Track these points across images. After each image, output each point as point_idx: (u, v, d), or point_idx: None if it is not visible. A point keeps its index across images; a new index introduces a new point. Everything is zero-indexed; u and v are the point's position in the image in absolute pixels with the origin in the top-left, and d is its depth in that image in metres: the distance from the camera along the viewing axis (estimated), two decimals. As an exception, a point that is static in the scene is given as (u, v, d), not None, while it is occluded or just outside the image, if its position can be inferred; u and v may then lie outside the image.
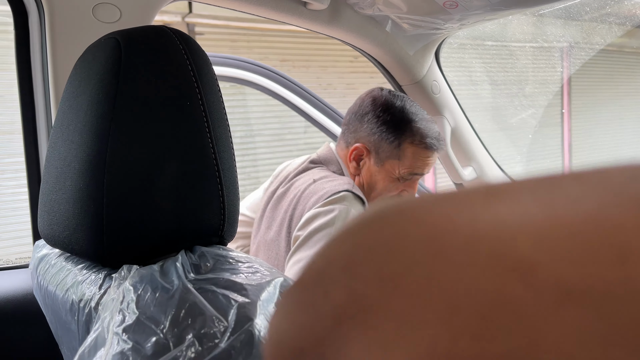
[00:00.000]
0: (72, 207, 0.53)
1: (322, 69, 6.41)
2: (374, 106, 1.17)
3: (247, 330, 0.38)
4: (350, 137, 1.21)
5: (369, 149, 1.18)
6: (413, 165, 1.18)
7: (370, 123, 1.17)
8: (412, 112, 1.17)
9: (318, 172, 1.20)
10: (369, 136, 1.17)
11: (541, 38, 6.95)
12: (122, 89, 0.52)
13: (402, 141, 1.16)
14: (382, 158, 1.18)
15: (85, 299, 0.52)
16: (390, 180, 1.19)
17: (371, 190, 1.21)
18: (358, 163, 1.20)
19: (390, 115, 1.16)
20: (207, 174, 0.53)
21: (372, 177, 1.19)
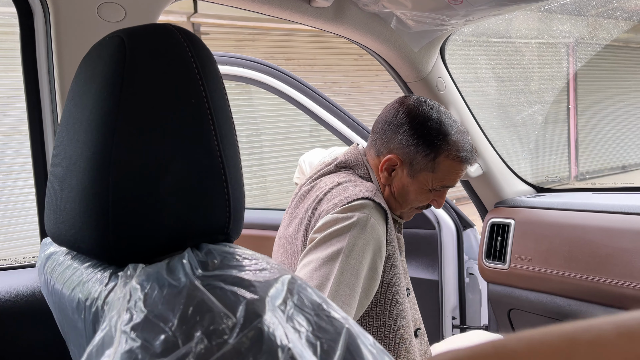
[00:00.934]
0: (78, 205, 0.53)
1: (327, 67, 6.41)
2: (410, 118, 1.15)
3: (256, 327, 0.38)
4: (383, 147, 1.19)
5: (403, 160, 1.16)
6: (447, 178, 1.17)
7: (406, 135, 1.15)
8: (448, 125, 1.15)
9: (344, 176, 1.19)
10: (404, 148, 1.16)
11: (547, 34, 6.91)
12: (127, 87, 0.52)
13: (438, 155, 1.14)
14: (416, 170, 1.16)
15: (91, 297, 0.52)
16: (422, 192, 1.18)
17: (403, 200, 1.20)
18: (390, 173, 1.18)
19: (427, 129, 1.14)
20: (212, 172, 0.53)
21: (404, 188, 1.18)
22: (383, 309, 1.11)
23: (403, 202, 1.20)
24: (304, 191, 1.24)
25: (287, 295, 0.42)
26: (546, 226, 1.60)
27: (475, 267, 1.91)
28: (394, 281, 1.10)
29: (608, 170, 8.31)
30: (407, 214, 1.23)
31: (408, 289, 1.24)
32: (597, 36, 6.85)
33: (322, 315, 0.41)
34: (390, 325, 1.11)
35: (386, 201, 1.18)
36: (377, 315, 1.11)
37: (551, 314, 1.58)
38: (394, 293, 1.11)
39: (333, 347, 0.38)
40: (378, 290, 1.09)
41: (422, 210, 1.24)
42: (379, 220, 1.08)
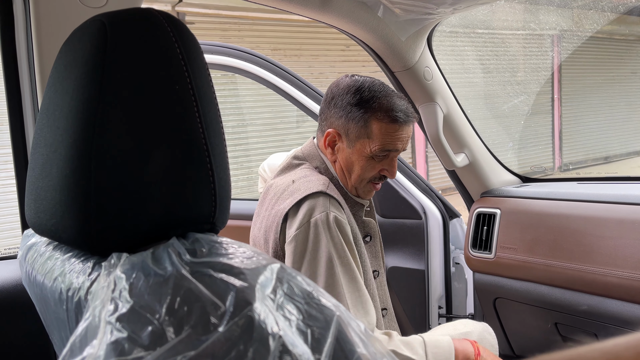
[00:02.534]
0: (59, 194, 0.52)
1: (313, 57, 6.37)
2: (338, 90, 1.20)
3: (247, 315, 0.37)
4: (324, 126, 1.23)
5: (340, 132, 1.20)
6: (383, 142, 1.18)
7: (337, 107, 1.19)
8: (374, 90, 1.18)
9: (299, 172, 1.22)
10: (338, 120, 1.19)
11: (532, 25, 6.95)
12: (109, 73, 0.51)
13: (368, 118, 1.17)
14: (352, 139, 1.19)
15: (73, 287, 0.51)
16: (365, 160, 1.20)
17: (351, 173, 1.22)
18: (333, 148, 1.22)
19: (352, 96, 1.17)
20: (197, 160, 0.52)
21: (348, 159, 1.21)
22: None
23: (352, 175, 1.22)
24: (264, 191, 1.28)
25: (277, 283, 0.42)
26: (531, 216, 1.61)
27: (462, 256, 1.92)
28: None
29: (591, 161, 8.42)
30: (362, 189, 1.24)
31: (376, 271, 1.27)
32: (582, 28, 6.90)
33: (312, 303, 0.41)
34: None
35: (340, 181, 1.23)
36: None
37: (536, 302, 1.59)
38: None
39: (324, 335, 0.38)
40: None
41: (377, 183, 1.25)
42: (338, 209, 1.12)
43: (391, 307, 1.31)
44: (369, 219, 1.27)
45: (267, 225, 1.18)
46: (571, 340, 1.61)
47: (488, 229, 1.71)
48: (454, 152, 1.71)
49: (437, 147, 1.62)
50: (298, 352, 0.36)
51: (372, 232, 1.27)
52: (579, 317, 1.50)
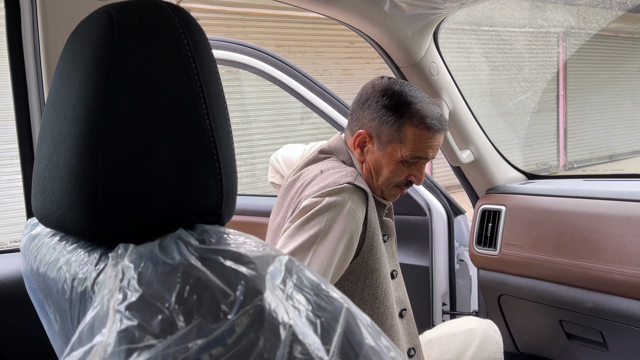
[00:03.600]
0: (66, 184, 0.51)
1: (318, 54, 6.36)
2: (373, 92, 1.19)
3: (257, 304, 0.37)
4: (355, 125, 1.22)
5: (371, 134, 1.19)
6: (415, 148, 1.17)
7: (371, 109, 1.18)
8: (411, 95, 1.17)
9: (327, 163, 1.21)
10: (370, 122, 1.18)
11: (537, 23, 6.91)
12: (116, 63, 0.50)
13: (402, 123, 1.16)
14: (384, 142, 1.18)
15: (79, 277, 0.51)
16: (395, 164, 1.19)
17: (378, 176, 1.21)
18: (362, 149, 1.21)
19: (388, 99, 1.16)
20: (204, 151, 0.52)
21: (377, 162, 1.20)
22: (363, 288, 1.14)
23: (380, 178, 1.21)
24: (290, 181, 1.26)
25: (286, 274, 0.42)
26: (537, 212, 1.61)
27: (466, 253, 1.92)
28: (373, 262, 1.14)
29: (596, 159, 8.39)
30: (388, 193, 1.24)
31: (395, 271, 1.26)
32: (588, 25, 6.87)
33: (321, 295, 0.41)
34: (370, 304, 1.15)
35: (366, 181, 1.20)
36: (357, 294, 1.15)
37: (541, 299, 1.59)
38: (373, 273, 1.14)
39: (333, 326, 0.38)
40: (358, 270, 1.13)
41: (404, 189, 1.25)
42: (358, 203, 1.11)
43: (410, 308, 1.28)
44: (388, 219, 1.26)
45: (291, 213, 1.17)
46: (576, 338, 1.61)
47: (493, 226, 1.70)
48: (459, 149, 1.70)
49: (442, 143, 1.62)
50: (308, 342, 0.36)
51: (390, 232, 1.26)
52: (584, 314, 1.50)
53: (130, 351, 0.36)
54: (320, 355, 0.36)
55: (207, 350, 0.35)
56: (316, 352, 0.36)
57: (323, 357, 0.35)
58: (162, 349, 0.35)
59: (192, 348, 0.35)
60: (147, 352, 0.35)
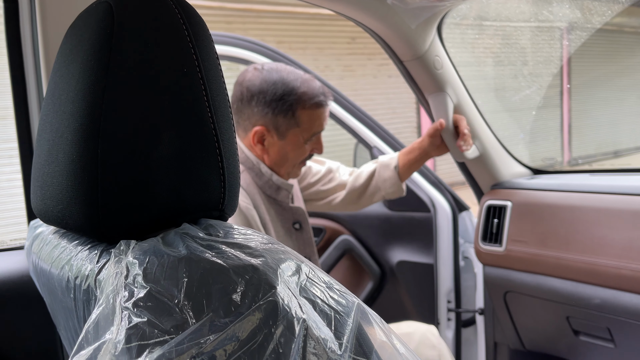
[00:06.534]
0: (66, 179, 0.50)
1: (319, 50, 6.34)
2: (255, 89, 1.22)
3: (270, 299, 0.37)
4: (247, 124, 1.25)
5: (268, 128, 1.23)
6: (313, 127, 1.24)
7: (259, 105, 1.22)
8: (291, 80, 1.22)
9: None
10: (263, 117, 1.22)
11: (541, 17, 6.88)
12: (115, 55, 0.49)
13: (295, 110, 1.21)
14: (282, 131, 1.23)
15: (81, 275, 0.49)
16: (298, 147, 1.25)
17: (284, 162, 1.26)
18: (263, 144, 1.25)
19: (274, 92, 1.20)
20: (206, 145, 0.50)
21: (281, 151, 1.25)
22: None
23: (286, 164, 1.27)
24: None
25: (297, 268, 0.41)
26: (543, 208, 1.59)
27: (471, 250, 1.90)
28: None
29: (601, 155, 8.36)
30: (293, 171, 1.29)
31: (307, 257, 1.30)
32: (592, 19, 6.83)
33: (334, 289, 0.40)
34: None
35: (271, 168, 1.26)
36: None
37: (547, 296, 1.57)
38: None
39: (346, 321, 0.37)
40: None
41: (304, 163, 1.31)
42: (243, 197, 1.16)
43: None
44: (297, 206, 1.30)
45: None
46: (583, 335, 1.59)
47: (498, 222, 1.69)
48: (464, 144, 1.68)
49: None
50: (322, 336, 0.35)
51: (302, 218, 1.30)
52: (591, 310, 1.48)
53: (141, 348, 0.35)
54: (333, 349, 0.35)
55: (221, 346, 0.34)
56: (330, 346, 0.35)
57: (336, 351, 0.35)
58: (175, 345, 0.34)
59: (206, 344, 0.34)
60: (159, 349, 0.34)
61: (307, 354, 0.34)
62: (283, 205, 1.28)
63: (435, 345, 1.38)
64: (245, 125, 1.26)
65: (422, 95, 1.59)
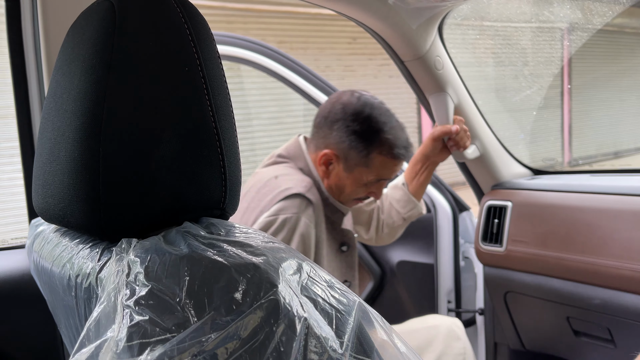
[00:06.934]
0: (67, 178, 0.50)
1: (320, 50, 6.34)
2: (343, 114, 1.19)
3: (272, 297, 0.37)
4: (320, 142, 1.22)
5: (339, 155, 1.20)
6: (381, 173, 1.21)
7: (340, 131, 1.19)
8: (381, 122, 1.18)
9: (282, 169, 1.22)
10: (339, 144, 1.19)
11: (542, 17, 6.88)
12: (117, 54, 0.49)
13: (371, 151, 1.18)
14: (350, 165, 1.19)
15: (83, 273, 0.49)
16: (358, 185, 1.22)
17: (340, 193, 1.24)
18: (327, 167, 1.22)
19: (359, 125, 1.17)
20: (207, 143, 0.51)
21: (341, 181, 1.22)
22: None
23: (341, 194, 1.24)
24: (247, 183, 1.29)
25: (299, 267, 0.41)
26: (543, 208, 1.59)
27: (471, 250, 1.90)
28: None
29: (601, 155, 8.35)
30: (347, 202, 1.27)
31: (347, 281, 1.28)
32: (593, 20, 6.83)
33: (335, 287, 0.40)
34: None
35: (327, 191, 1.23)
36: None
37: (548, 296, 1.57)
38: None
39: (347, 319, 0.37)
40: None
41: (362, 201, 1.29)
42: (310, 216, 1.12)
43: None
44: (348, 229, 1.28)
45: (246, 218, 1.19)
46: (583, 335, 1.59)
47: (499, 222, 1.69)
48: (464, 144, 1.68)
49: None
50: (323, 334, 0.35)
51: (351, 242, 1.28)
52: (591, 311, 1.48)
53: (143, 346, 0.35)
54: (335, 348, 0.35)
55: (223, 344, 0.34)
56: (331, 344, 0.35)
57: (337, 350, 0.35)
58: (176, 343, 0.34)
59: (207, 342, 0.34)
60: (161, 347, 0.34)
61: (309, 353, 0.34)
62: (335, 226, 1.26)
63: (461, 337, 1.38)
64: (318, 142, 1.23)
65: (422, 95, 1.59)
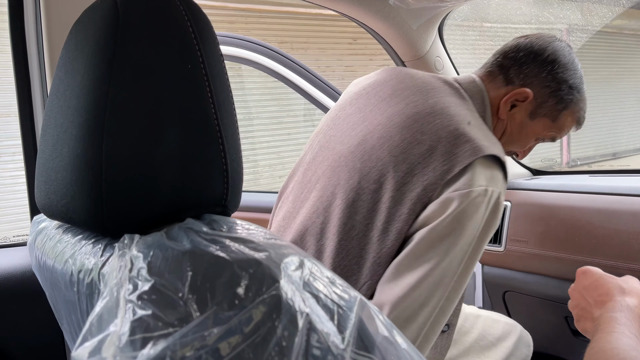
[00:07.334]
0: (70, 174, 0.51)
1: (320, 51, 6.34)
2: (561, 59, 1.03)
3: (274, 292, 0.37)
4: (517, 78, 1.02)
5: (535, 99, 1.02)
6: (559, 132, 1.08)
7: (550, 75, 1.02)
8: (583, 82, 1.07)
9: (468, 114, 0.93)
10: (542, 88, 1.02)
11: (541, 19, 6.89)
12: (120, 51, 0.50)
13: (567, 107, 1.05)
14: (539, 113, 1.04)
15: (85, 269, 0.50)
16: (528, 138, 1.07)
17: (511, 140, 1.07)
18: (511, 108, 1.03)
19: (571, 77, 1.04)
20: (209, 140, 0.51)
21: (517, 127, 1.04)
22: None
23: (508, 142, 1.06)
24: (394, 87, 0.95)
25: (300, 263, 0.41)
26: (542, 208, 1.60)
27: (471, 249, 1.90)
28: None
29: (600, 156, 8.36)
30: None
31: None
32: (591, 22, 6.84)
33: (336, 283, 0.40)
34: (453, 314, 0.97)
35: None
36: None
37: (546, 296, 1.58)
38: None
39: (348, 315, 0.37)
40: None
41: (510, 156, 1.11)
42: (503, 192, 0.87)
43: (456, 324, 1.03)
44: None
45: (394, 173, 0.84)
46: (581, 335, 1.60)
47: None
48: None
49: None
50: (325, 330, 0.36)
51: None
52: (590, 311, 1.49)
53: (145, 340, 0.35)
54: (336, 344, 0.35)
55: (225, 338, 0.35)
56: (333, 340, 0.36)
57: (339, 345, 0.35)
58: (179, 338, 0.34)
59: (210, 336, 0.35)
60: (163, 341, 0.34)
61: (310, 348, 0.35)
62: None
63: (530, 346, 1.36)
64: (513, 76, 1.02)
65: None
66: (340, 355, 0.35)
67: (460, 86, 1.00)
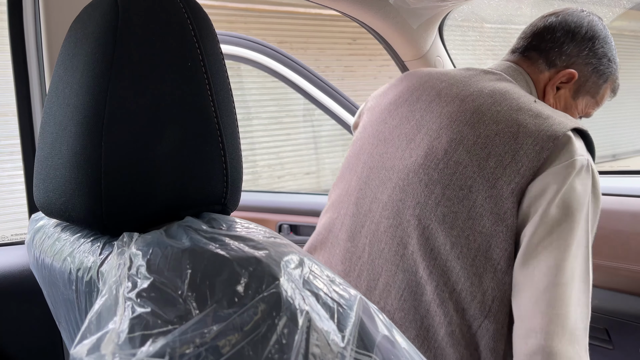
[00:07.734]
0: (69, 172, 0.50)
1: (320, 51, 6.34)
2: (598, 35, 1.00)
3: (274, 290, 0.37)
4: (560, 60, 0.99)
5: (580, 78, 1.00)
6: (597, 107, 1.06)
7: (591, 52, 0.99)
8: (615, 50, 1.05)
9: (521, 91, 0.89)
10: (585, 66, 0.99)
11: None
12: (120, 48, 0.49)
13: (607, 80, 1.03)
14: (582, 91, 1.01)
15: (84, 267, 0.50)
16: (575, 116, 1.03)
17: None
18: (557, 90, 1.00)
19: (609, 51, 1.02)
20: (209, 139, 0.51)
21: (563, 108, 1.02)
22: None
23: None
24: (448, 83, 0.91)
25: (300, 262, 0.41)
26: (542, 209, 1.59)
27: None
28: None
29: (599, 158, 8.37)
30: None
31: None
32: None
33: (336, 282, 0.40)
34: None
35: None
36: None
37: (546, 296, 1.58)
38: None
39: (349, 314, 0.37)
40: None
41: None
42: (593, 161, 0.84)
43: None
44: None
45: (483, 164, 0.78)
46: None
47: (498, 222, 1.69)
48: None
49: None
50: (325, 328, 0.35)
51: None
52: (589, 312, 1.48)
53: (145, 337, 0.35)
54: (336, 342, 0.35)
55: (225, 336, 0.34)
56: (333, 338, 0.35)
57: (339, 344, 0.35)
58: (178, 335, 0.34)
59: (209, 334, 0.34)
60: (163, 338, 0.34)
61: (310, 346, 0.35)
62: None
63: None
64: (555, 59, 0.98)
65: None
66: (340, 354, 0.35)
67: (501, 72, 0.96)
